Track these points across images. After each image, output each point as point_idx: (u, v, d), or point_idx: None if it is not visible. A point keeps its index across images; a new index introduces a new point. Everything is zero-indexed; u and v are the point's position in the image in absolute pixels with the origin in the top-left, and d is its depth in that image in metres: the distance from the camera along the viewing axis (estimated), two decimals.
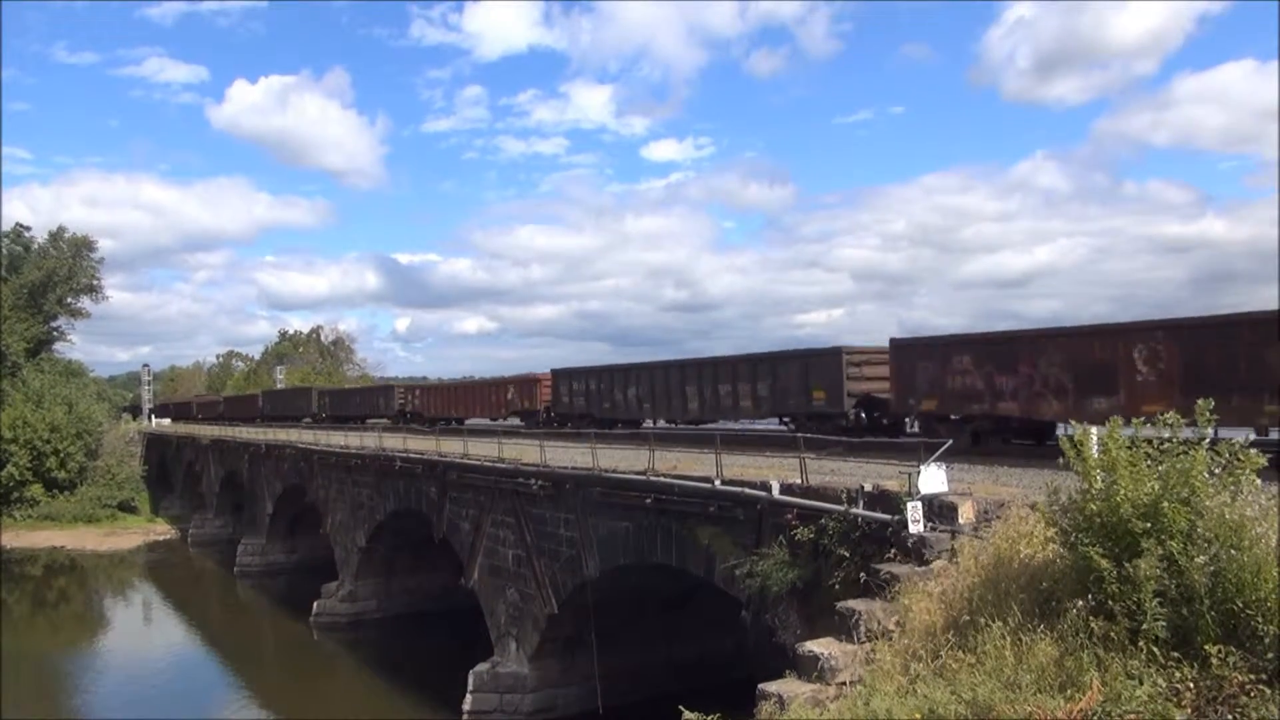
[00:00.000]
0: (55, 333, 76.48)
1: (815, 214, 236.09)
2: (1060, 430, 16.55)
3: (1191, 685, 6.98)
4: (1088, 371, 16.90)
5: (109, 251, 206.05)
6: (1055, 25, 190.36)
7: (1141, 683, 7.01)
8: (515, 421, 39.95)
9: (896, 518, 11.77)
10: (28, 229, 74.56)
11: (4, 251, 70.98)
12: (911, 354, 20.74)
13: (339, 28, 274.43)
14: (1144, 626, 7.37)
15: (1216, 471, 7.95)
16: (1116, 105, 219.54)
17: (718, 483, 15.69)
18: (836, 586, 12.23)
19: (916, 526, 11.43)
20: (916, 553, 11.16)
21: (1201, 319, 15.51)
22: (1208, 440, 8.15)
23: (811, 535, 13.26)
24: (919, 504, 11.58)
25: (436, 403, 49.47)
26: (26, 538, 55.98)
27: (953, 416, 19.83)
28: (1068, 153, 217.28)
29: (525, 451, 23.70)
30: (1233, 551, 7.45)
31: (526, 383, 39.70)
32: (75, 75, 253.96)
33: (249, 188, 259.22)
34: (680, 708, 8.31)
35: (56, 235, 74.10)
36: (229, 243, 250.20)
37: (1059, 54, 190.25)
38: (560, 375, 35.22)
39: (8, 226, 73.83)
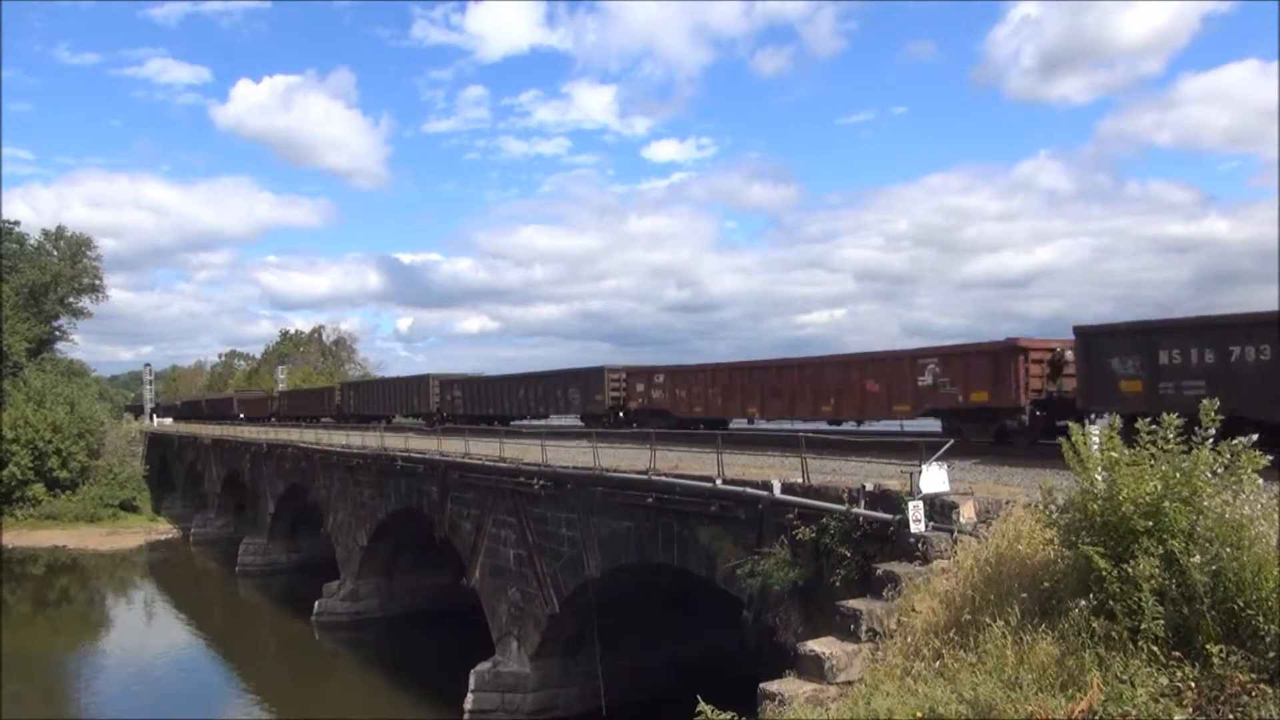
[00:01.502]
0: (57, 332, 76.59)
1: (818, 214, 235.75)
2: None
3: (1193, 685, 6.98)
4: None
5: (112, 251, 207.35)
6: (1061, 24, 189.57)
7: (1143, 682, 7.01)
8: (921, 423, 22.05)
9: (898, 517, 11.77)
10: (16, 224, 74.45)
11: (1, 250, 71.01)
12: None
13: (341, 28, 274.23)
14: (1143, 626, 7.37)
15: (1219, 471, 7.95)
16: (1121, 105, 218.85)
17: (719, 482, 15.70)
18: (837, 586, 12.24)
19: (918, 526, 11.43)
20: (918, 552, 11.16)
21: None
22: (1209, 440, 8.15)
23: (813, 535, 13.27)
24: (920, 503, 11.58)
25: (725, 393, 28.12)
26: (28, 537, 56.09)
27: None
28: (1071, 153, 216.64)
29: (526, 451, 23.72)
30: (1233, 551, 7.45)
31: (981, 356, 19.95)
32: (77, 76, 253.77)
33: (252, 187, 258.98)
34: (697, 696, 8.34)
35: (55, 235, 74.10)
36: (231, 242, 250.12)
37: (1064, 53, 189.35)
38: (1104, 338, 17.27)
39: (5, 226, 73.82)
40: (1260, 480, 8.00)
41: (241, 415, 76.29)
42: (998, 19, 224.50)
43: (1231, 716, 6.72)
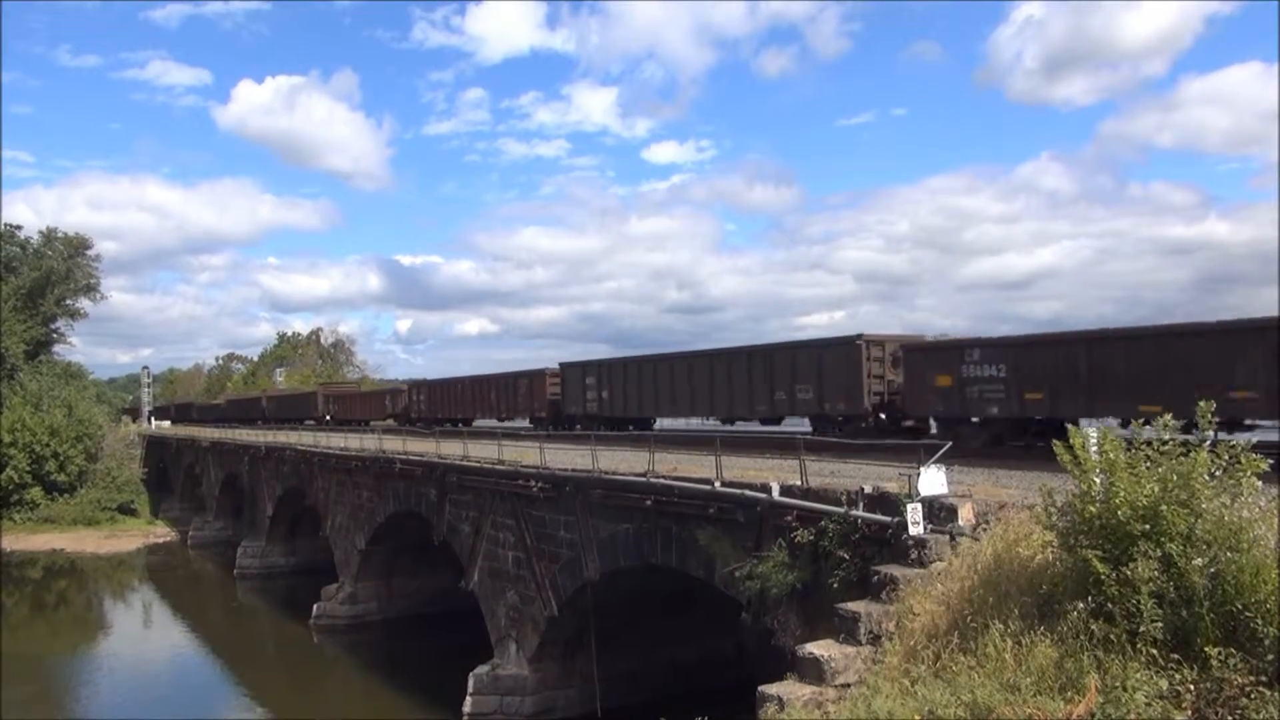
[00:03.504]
0: (55, 334, 76.46)
1: (819, 215, 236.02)
2: None
3: (1191, 687, 6.99)
4: None
5: (112, 254, 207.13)
6: (1064, 25, 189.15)
7: (1141, 685, 7.01)
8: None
9: (896, 519, 11.77)
10: (19, 228, 74.47)
11: (1, 252, 70.98)
12: None
13: (342, 30, 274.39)
14: (1142, 629, 7.37)
15: (1217, 474, 7.95)
16: (1123, 107, 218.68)
17: (718, 484, 15.68)
18: (836, 588, 12.23)
19: (916, 528, 11.43)
20: (916, 554, 11.15)
21: None
22: (1208, 442, 8.15)
23: (811, 537, 13.26)
24: (919, 506, 11.58)
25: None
26: (26, 540, 55.95)
27: None
28: (1073, 154, 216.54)
29: (525, 453, 23.71)
30: (1232, 553, 7.45)
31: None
32: (78, 78, 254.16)
33: (254, 189, 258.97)
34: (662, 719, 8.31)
35: (50, 236, 74.05)
36: (232, 244, 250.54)
37: (1068, 54, 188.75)
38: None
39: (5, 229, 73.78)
40: (1259, 483, 8.00)
41: (329, 418, 59.37)
42: (1001, 20, 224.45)
43: (1230, 719, 6.72)
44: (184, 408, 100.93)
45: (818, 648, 9.98)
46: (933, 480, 11.95)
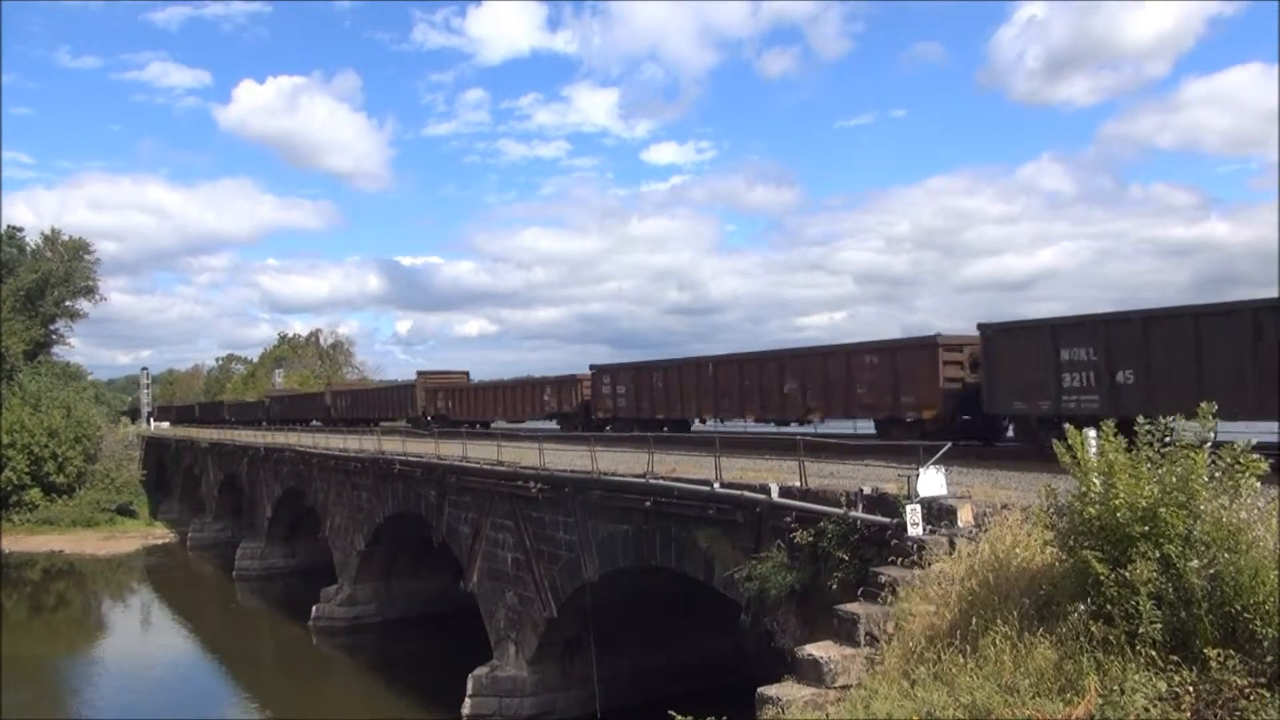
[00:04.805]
0: (54, 335, 76.53)
1: (819, 216, 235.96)
2: None
3: (1191, 689, 6.97)
4: None
5: (112, 255, 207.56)
6: (1067, 26, 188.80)
7: (1140, 687, 7.00)
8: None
9: (895, 521, 11.76)
10: (20, 230, 74.65)
11: (1, 254, 71.07)
12: None
13: (341, 32, 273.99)
14: (1140, 630, 7.36)
15: (1217, 475, 7.93)
16: (1124, 108, 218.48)
17: (717, 485, 15.67)
18: (835, 589, 12.22)
19: (915, 529, 11.42)
20: (915, 556, 11.13)
21: None
22: (1209, 443, 8.14)
23: (810, 538, 13.26)
24: (918, 507, 11.57)
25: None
26: (25, 542, 55.97)
27: None
28: (1073, 155, 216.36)
29: (524, 454, 23.70)
30: (1230, 555, 7.44)
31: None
32: (78, 79, 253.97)
33: (254, 190, 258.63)
34: (671, 713, 8.29)
35: (52, 238, 74.14)
36: (232, 245, 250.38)
37: (1070, 54, 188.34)
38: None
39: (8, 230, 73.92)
40: (1258, 484, 7.98)
41: (430, 419, 45.39)
42: (1003, 20, 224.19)
43: None
44: (212, 407, 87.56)
45: (817, 649, 9.96)
46: (932, 481, 11.94)
